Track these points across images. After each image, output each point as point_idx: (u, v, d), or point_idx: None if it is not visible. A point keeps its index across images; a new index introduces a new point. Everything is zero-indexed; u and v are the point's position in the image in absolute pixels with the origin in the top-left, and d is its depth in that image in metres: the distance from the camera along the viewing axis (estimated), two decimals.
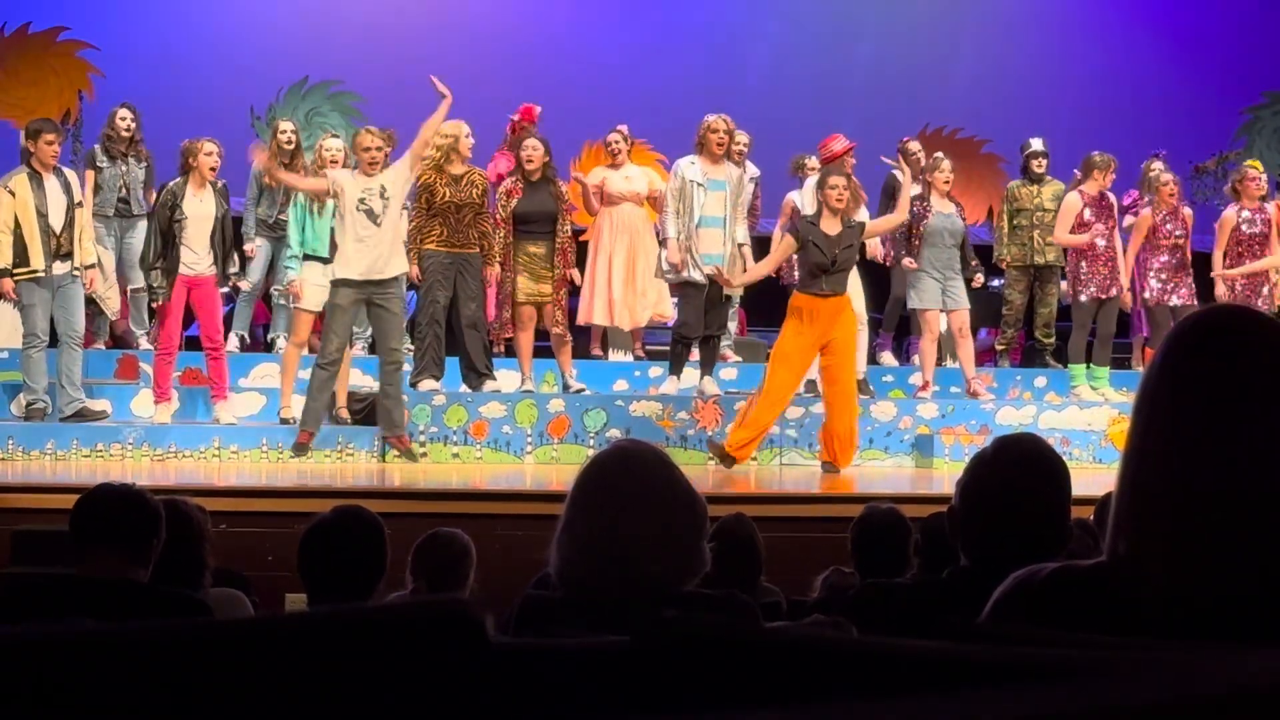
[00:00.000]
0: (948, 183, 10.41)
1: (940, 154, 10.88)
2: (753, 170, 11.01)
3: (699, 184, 9.61)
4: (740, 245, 9.77)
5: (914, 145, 11.46)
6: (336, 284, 8.83)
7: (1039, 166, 11.31)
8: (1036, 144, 11.41)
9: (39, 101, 13.00)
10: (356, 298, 8.79)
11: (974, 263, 10.51)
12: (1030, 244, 11.13)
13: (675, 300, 10.34)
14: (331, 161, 9.59)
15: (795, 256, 9.35)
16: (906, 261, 10.45)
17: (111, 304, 10.41)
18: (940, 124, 14.32)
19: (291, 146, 10.58)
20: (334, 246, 9.23)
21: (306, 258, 9.57)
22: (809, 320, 8.86)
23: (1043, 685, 1.28)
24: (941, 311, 10.42)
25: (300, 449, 8.90)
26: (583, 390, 9.87)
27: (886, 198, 11.34)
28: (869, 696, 1.36)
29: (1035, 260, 11.15)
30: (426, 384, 9.45)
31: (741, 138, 10.72)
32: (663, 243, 9.73)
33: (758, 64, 14.28)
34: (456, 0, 14.31)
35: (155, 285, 9.29)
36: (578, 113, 12.81)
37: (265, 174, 10.04)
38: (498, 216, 9.68)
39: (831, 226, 8.90)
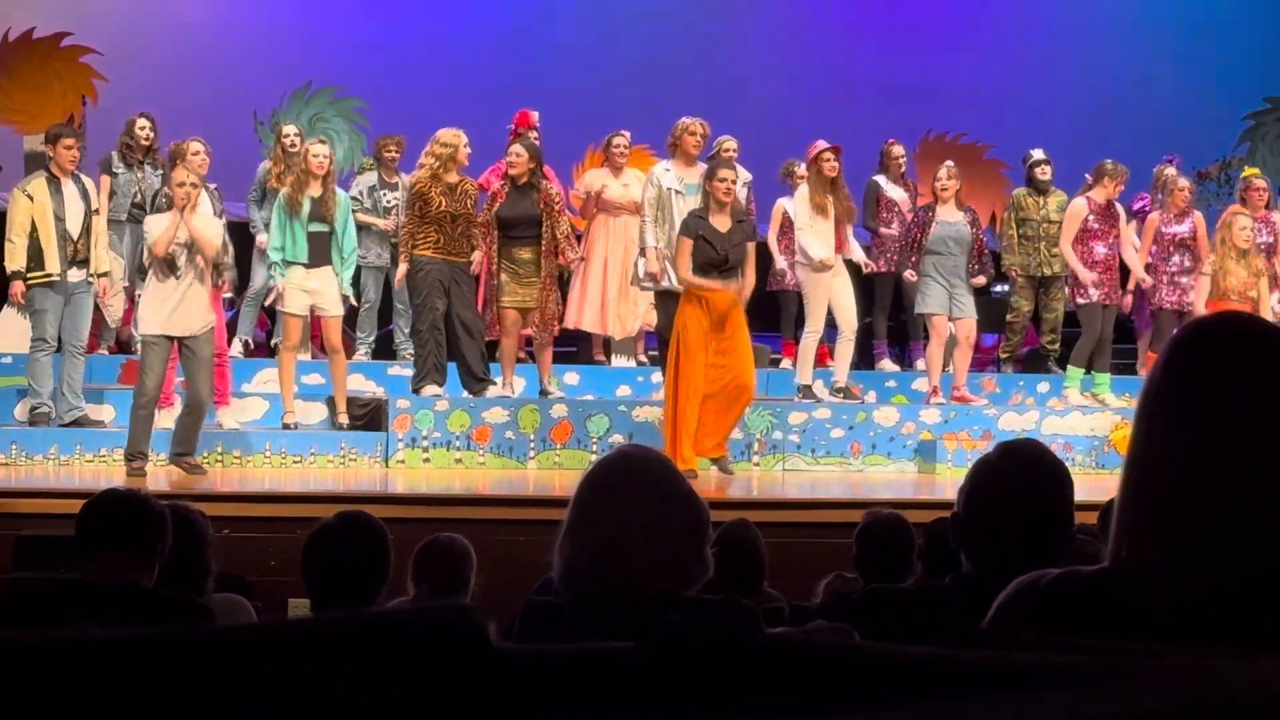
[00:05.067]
0: (945, 189, 10.36)
1: (950, 161, 10.86)
2: (745, 175, 10.98)
3: (677, 191, 9.58)
4: None
5: (898, 149, 11.46)
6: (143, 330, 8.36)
7: (1043, 175, 11.28)
8: (1039, 154, 11.40)
9: (42, 107, 13.00)
10: (165, 340, 8.32)
11: (974, 265, 10.43)
12: (1038, 254, 11.11)
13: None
14: (318, 168, 9.51)
15: (782, 244, 9.29)
16: (908, 274, 10.45)
17: (115, 311, 10.42)
18: (943, 130, 14.31)
19: (295, 150, 10.58)
20: (315, 250, 9.31)
21: (286, 263, 9.48)
22: (703, 307, 8.61)
23: (1046, 692, 1.28)
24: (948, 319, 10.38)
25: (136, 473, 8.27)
26: (560, 396, 9.86)
27: (870, 204, 11.35)
28: (872, 703, 1.36)
29: (1042, 271, 11.14)
30: (429, 389, 9.47)
31: (730, 143, 10.67)
32: (642, 252, 9.68)
33: (758, 70, 14.29)
34: (459, 5, 14.32)
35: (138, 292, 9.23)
36: (579, 118, 12.82)
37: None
38: (483, 220, 9.66)
39: (721, 222, 8.71)
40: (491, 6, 14.32)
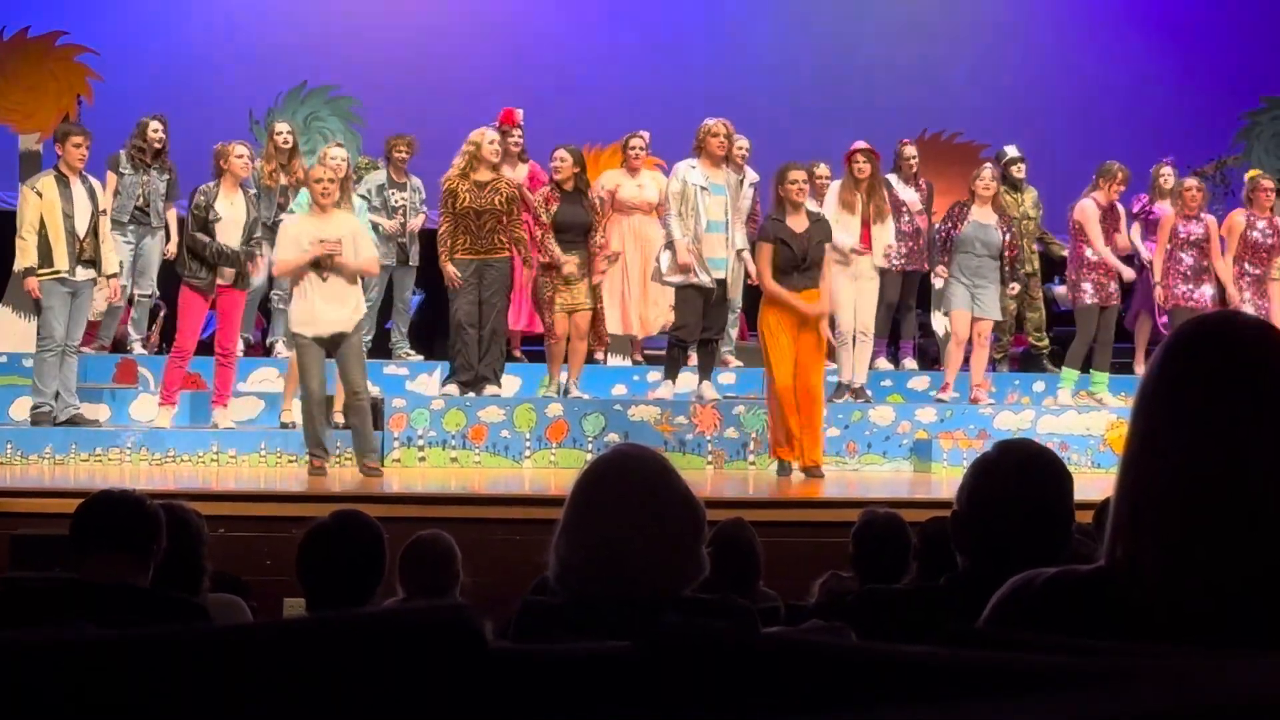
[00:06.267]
0: (988, 189, 10.40)
1: (988, 165, 10.90)
2: (752, 175, 10.97)
3: (702, 188, 9.58)
4: (740, 251, 9.74)
5: (910, 149, 11.46)
6: (295, 330, 8.45)
7: (1019, 172, 11.36)
8: (1013, 150, 11.45)
9: (37, 106, 12.99)
10: (317, 339, 8.38)
11: (1007, 271, 10.47)
12: (1022, 251, 11.12)
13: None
14: (336, 170, 9.51)
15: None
16: (939, 270, 10.48)
17: (98, 304, 10.38)
18: (939, 128, 14.31)
19: (289, 147, 10.57)
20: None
21: None
22: (785, 309, 8.85)
23: (1041, 691, 1.28)
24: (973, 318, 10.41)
25: (317, 471, 8.53)
26: (580, 397, 9.87)
27: None
28: (868, 703, 1.36)
29: (1025, 268, 11.16)
30: (451, 389, 9.54)
31: (741, 142, 10.69)
32: (667, 246, 9.68)
33: (756, 68, 14.28)
34: (455, 4, 14.31)
35: (196, 281, 9.21)
36: (576, 117, 12.81)
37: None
38: (540, 221, 9.69)
39: (798, 223, 8.91)
40: (489, 5, 14.30)
